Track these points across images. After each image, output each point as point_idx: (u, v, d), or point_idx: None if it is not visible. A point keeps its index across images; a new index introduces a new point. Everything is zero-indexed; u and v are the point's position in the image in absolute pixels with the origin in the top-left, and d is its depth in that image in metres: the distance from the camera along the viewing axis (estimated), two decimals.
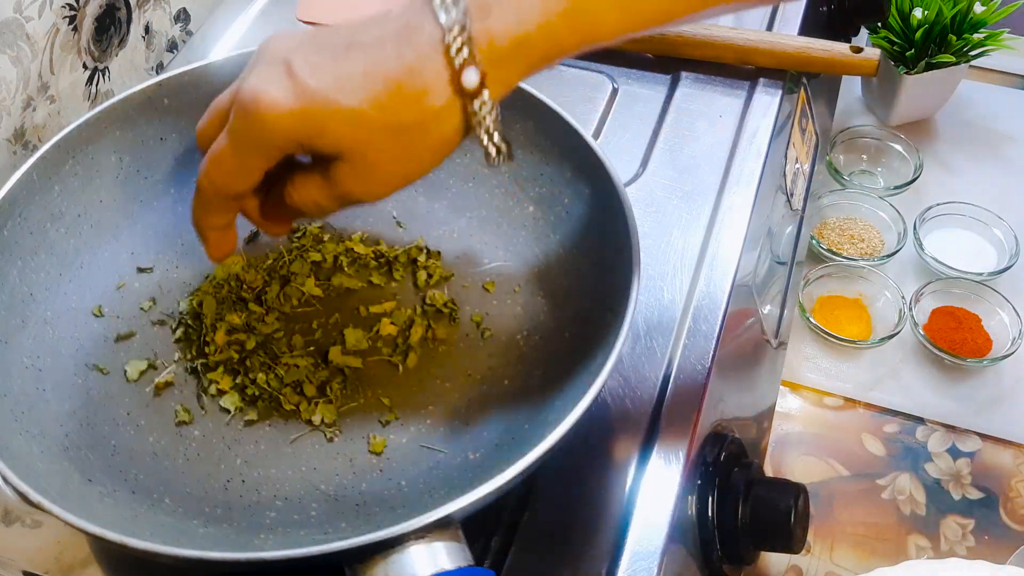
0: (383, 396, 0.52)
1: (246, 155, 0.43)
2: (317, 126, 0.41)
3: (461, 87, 0.40)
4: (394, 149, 0.42)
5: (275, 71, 0.41)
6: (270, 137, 0.41)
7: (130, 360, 0.53)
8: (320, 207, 0.45)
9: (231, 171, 0.44)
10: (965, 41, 1.02)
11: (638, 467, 0.51)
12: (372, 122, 0.41)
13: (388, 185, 0.43)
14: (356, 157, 0.42)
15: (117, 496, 0.46)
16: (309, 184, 0.44)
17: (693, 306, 0.58)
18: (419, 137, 0.41)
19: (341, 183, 0.43)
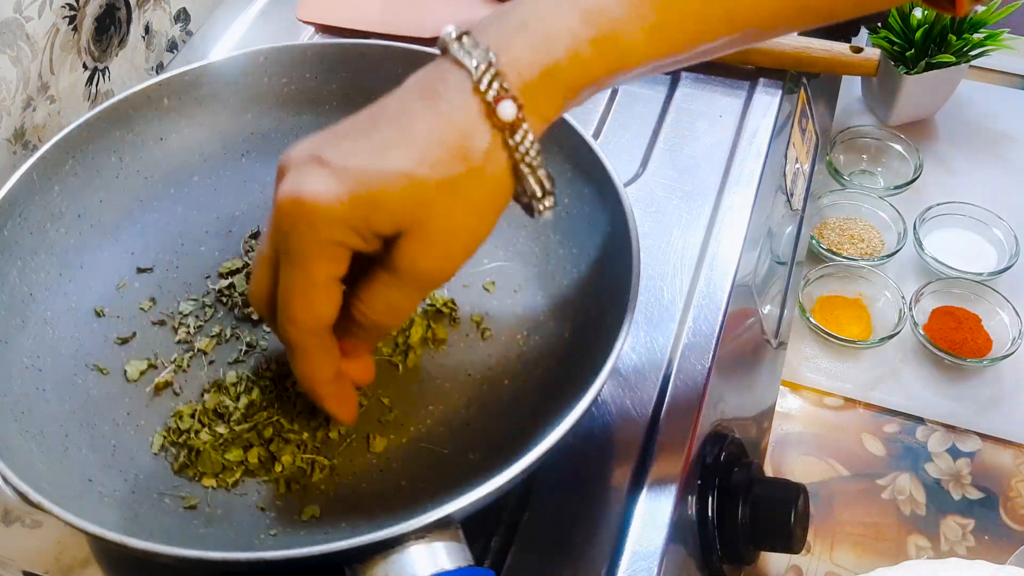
0: (383, 396, 0.52)
1: (313, 267, 0.39)
2: (370, 204, 0.38)
3: (500, 122, 0.39)
4: (452, 207, 0.39)
5: (307, 170, 0.39)
6: (327, 233, 0.38)
7: (130, 360, 0.53)
8: (396, 307, 0.41)
9: (308, 296, 0.40)
10: (965, 41, 1.02)
11: (638, 467, 0.51)
12: (424, 183, 0.38)
13: (457, 253, 0.41)
14: (418, 226, 0.39)
15: (117, 496, 0.46)
16: (377, 286, 0.41)
17: (693, 306, 0.58)
18: (473, 188, 0.39)
19: (409, 265, 0.40)
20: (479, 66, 0.39)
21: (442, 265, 0.41)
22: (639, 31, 0.40)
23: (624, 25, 0.40)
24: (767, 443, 0.82)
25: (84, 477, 0.47)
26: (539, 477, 0.50)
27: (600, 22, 0.40)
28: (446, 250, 0.40)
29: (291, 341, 0.42)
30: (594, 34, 0.39)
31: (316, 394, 0.45)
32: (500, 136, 0.39)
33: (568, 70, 0.39)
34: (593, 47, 0.39)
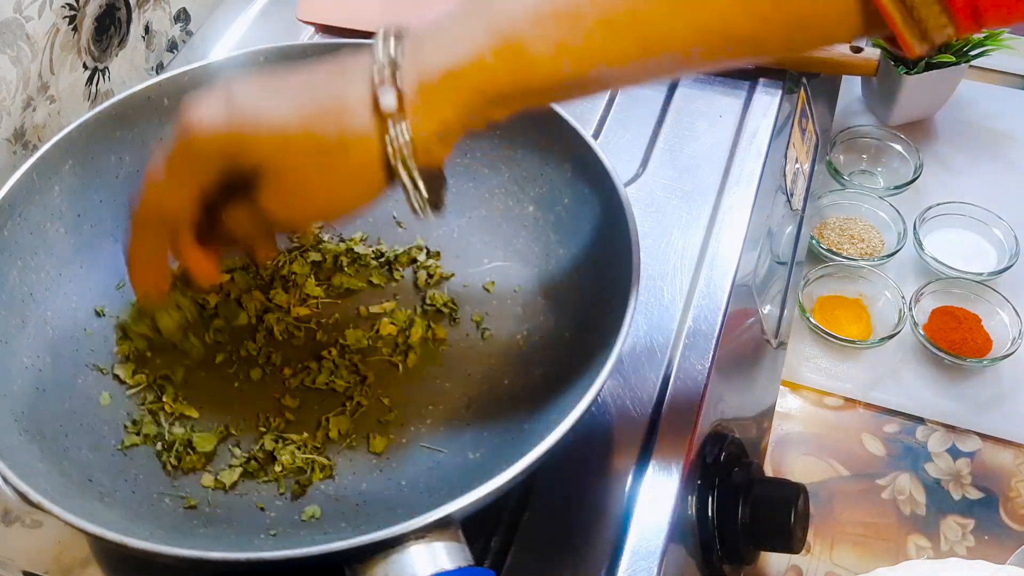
0: (383, 396, 0.52)
1: (179, 171, 0.43)
2: (239, 139, 0.42)
3: (381, 112, 0.40)
4: (312, 169, 0.42)
5: (215, 98, 0.43)
6: (200, 151, 0.42)
7: (115, 365, 0.53)
8: (245, 228, 0.45)
9: (165, 191, 0.44)
10: (965, 41, 1.02)
11: (638, 467, 0.51)
12: (292, 137, 0.41)
13: (305, 210, 0.44)
14: (275, 171, 0.42)
15: (117, 496, 0.46)
16: (239, 207, 0.44)
17: (693, 306, 0.58)
18: (338, 159, 0.41)
19: (263, 201, 0.43)
20: (383, 59, 0.41)
21: (289, 213, 0.44)
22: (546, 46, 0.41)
23: (532, 38, 0.41)
24: (767, 443, 0.82)
25: (84, 477, 0.46)
26: (539, 477, 0.50)
27: (506, 34, 0.41)
28: (293, 204, 0.43)
29: (132, 215, 0.46)
30: (498, 44, 0.40)
31: (129, 264, 0.48)
32: (380, 126, 0.41)
33: (471, 75, 0.41)
34: (498, 56, 0.41)
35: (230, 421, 0.51)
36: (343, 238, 0.59)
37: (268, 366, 0.53)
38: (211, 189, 0.44)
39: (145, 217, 0.46)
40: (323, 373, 0.53)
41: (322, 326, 0.55)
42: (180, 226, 0.46)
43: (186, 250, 0.47)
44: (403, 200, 0.45)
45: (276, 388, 0.52)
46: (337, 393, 0.52)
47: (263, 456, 0.49)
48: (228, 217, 0.45)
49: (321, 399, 0.52)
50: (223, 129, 0.42)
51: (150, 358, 0.53)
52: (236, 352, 0.54)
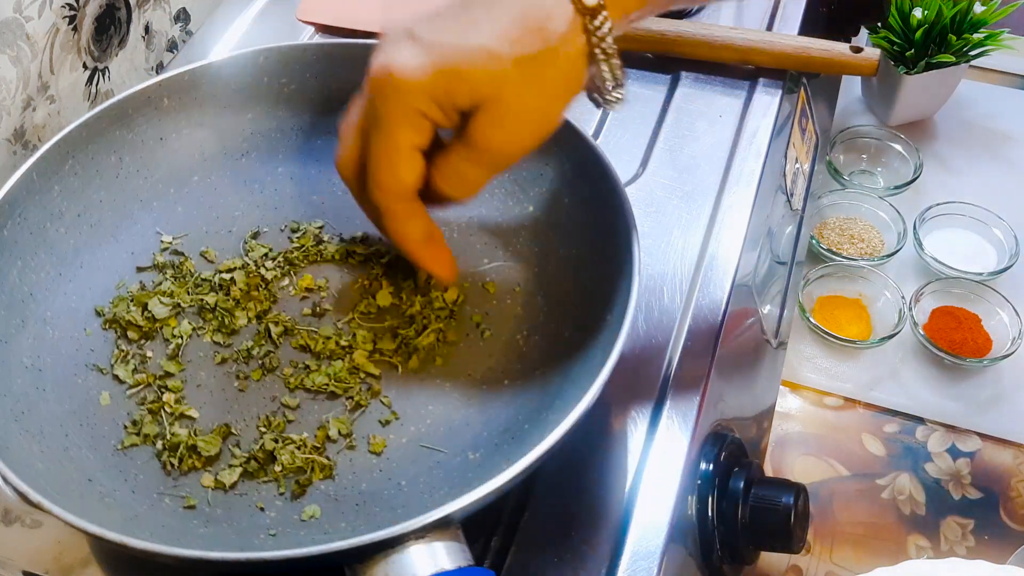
0: (383, 396, 0.52)
1: (398, 134, 0.43)
2: (452, 76, 0.41)
3: (581, 6, 0.41)
4: (528, 84, 0.42)
5: (399, 44, 0.42)
6: (412, 102, 0.42)
7: (116, 364, 0.53)
8: (466, 179, 0.44)
9: (393, 161, 0.43)
10: (965, 41, 1.02)
11: (638, 467, 0.51)
12: (503, 57, 0.41)
13: (527, 131, 0.43)
14: (493, 101, 0.42)
15: (117, 496, 0.46)
16: (451, 157, 0.44)
17: (693, 306, 0.58)
18: (549, 66, 0.42)
19: (484, 138, 0.42)
20: None
21: (512, 140, 0.43)
22: None
23: None
24: (767, 443, 0.82)
25: (84, 477, 0.47)
26: (539, 477, 0.50)
27: None
28: (518, 127, 0.43)
29: (380, 205, 0.45)
30: None
31: (413, 255, 0.48)
32: (580, 20, 0.41)
33: None
34: None
35: (230, 421, 0.51)
36: (343, 238, 0.59)
37: (268, 366, 0.53)
38: (429, 142, 0.43)
39: (394, 196, 0.45)
40: (323, 373, 0.53)
41: (322, 326, 0.55)
42: (417, 187, 0.45)
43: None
44: None
45: (276, 388, 0.52)
46: (337, 393, 0.52)
47: (263, 456, 0.49)
48: (444, 172, 0.44)
49: (321, 399, 0.52)
50: (431, 71, 0.41)
51: (150, 358, 0.53)
52: (236, 352, 0.54)
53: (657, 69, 0.73)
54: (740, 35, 0.71)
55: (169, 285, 0.55)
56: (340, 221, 0.59)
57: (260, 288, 0.56)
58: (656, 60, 0.74)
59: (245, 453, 0.50)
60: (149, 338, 0.54)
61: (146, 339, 0.54)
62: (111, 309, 0.54)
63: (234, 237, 0.58)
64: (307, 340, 0.54)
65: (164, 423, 0.50)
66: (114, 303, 0.54)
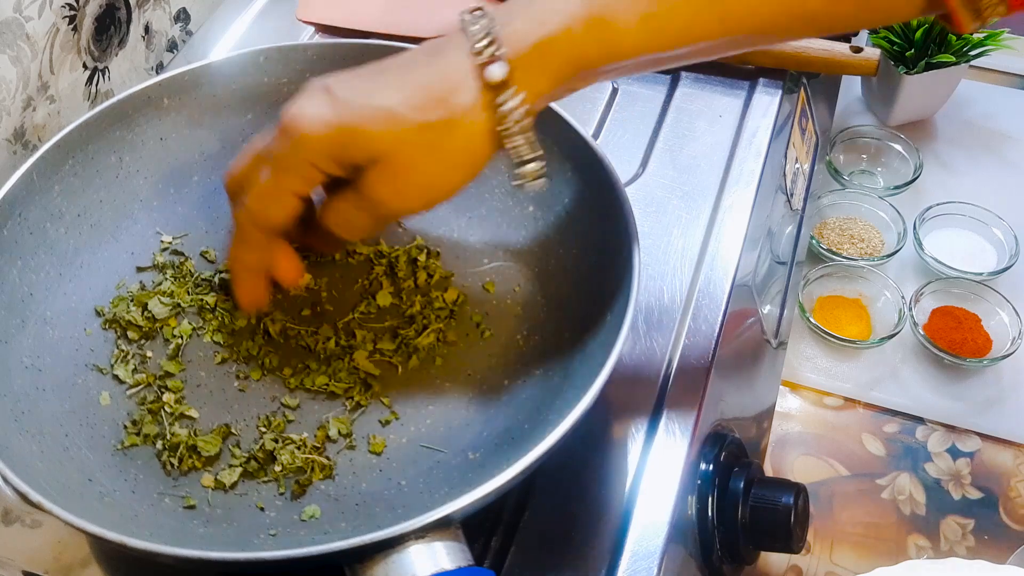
0: (383, 396, 0.52)
1: (284, 178, 0.44)
2: (350, 132, 0.43)
3: (488, 82, 0.42)
4: (424, 150, 0.43)
5: (314, 96, 0.44)
6: (307, 154, 0.43)
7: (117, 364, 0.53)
8: (352, 224, 0.46)
9: (270, 198, 0.45)
10: (965, 41, 1.02)
11: (638, 467, 0.51)
12: (403, 120, 0.42)
13: (419, 194, 0.44)
14: (387, 159, 0.43)
15: (117, 496, 0.46)
16: (342, 201, 0.45)
17: (693, 306, 0.58)
18: (447, 137, 0.43)
19: (373, 192, 0.44)
20: (478, 32, 0.42)
21: (401, 199, 0.44)
22: (633, 18, 0.43)
23: (619, 11, 0.43)
24: (767, 443, 0.82)
25: (84, 477, 0.47)
26: (539, 477, 0.50)
27: (595, 6, 0.42)
28: (407, 188, 0.44)
29: (240, 225, 0.47)
30: (588, 14, 0.42)
31: (234, 274, 0.50)
32: (487, 96, 0.42)
33: (561, 47, 0.43)
34: (586, 27, 0.42)
35: (230, 421, 0.51)
36: None
37: (268, 366, 0.53)
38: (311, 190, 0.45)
39: (249, 222, 0.46)
40: (323, 373, 0.53)
41: (322, 326, 0.55)
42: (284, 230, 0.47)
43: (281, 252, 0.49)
44: None
45: (276, 388, 0.52)
46: (337, 393, 0.52)
47: (263, 456, 0.49)
48: (332, 215, 0.46)
49: (321, 399, 0.52)
50: (334, 125, 0.43)
51: (150, 358, 0.53)
52: (236, 352, 0.54)
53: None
54: None
55: (169, 285, 0.55)
56: None
57: None
58: None
59: (245, 453, 0.50)
60: (149, 338, 0.54)
61: (146, 339, 0.54)
62: (111, 309, 0.54)
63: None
64: (307, 340, 0.54)
65: (164, 423, 0.50)
66: (114, 303, 0.54)
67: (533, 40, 0.42)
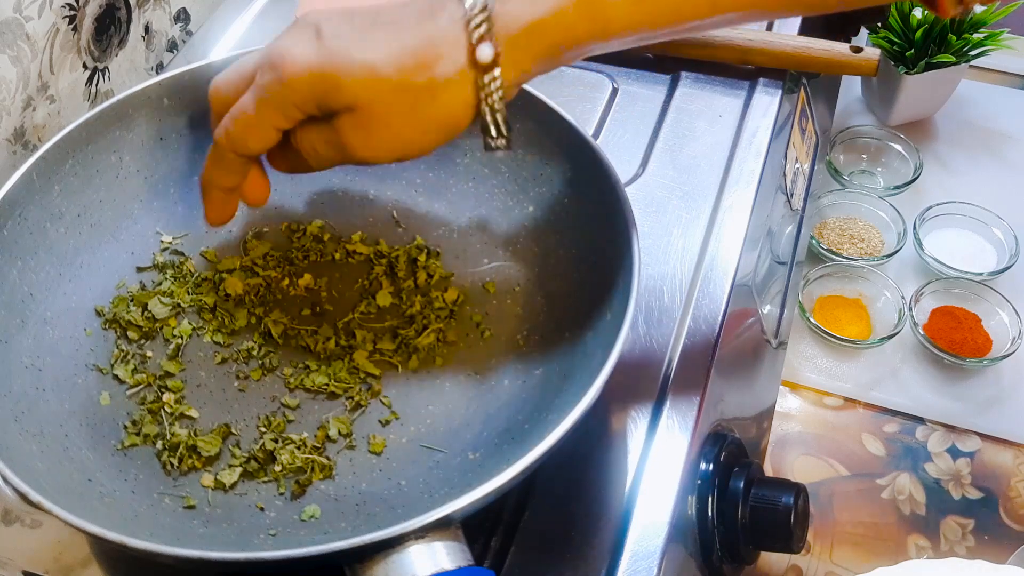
0: (383, 396, 0.52)
1: (267, 111, 0.45)
2: (334, 81, 0.43)
3: (475, 60, 0.42)
4: (401, 108, 0.43)
5: (304, 33, 0.44)
6: (291, 93, 0.44)
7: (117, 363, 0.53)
8: (318, 154, 0.46)
9: (251, 128, 0.46)
10: (965, 41, 1.02)
11: (638, 467, 0.51)
12: (385, 79, 0.43)
13: (387, 147, 0.45)
14: (363, 108, 0.43)
15: (117, 496, 0.46)
16: (314, 133, 0.45)
17: (693, 306, 0.58)
18: (427, 102, 0.43)
19: (345, 136, 0.44)
20: (475, 6, 0.42)
21: (368, 150, 0.45)
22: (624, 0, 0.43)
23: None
24: (767, 443, 0.82)
25: (84, 477, 0.47)
26: (539, 477, 0.50)
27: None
28: (377, 139, 0.44)
29: (218, 145, 0.47)
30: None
31: (205, 191, 0.50)
32: (472, 73, 0.43)
33: (552, 27, 0.43)
34: (577, 6, 0.43)
35: (230, 421, 0.51)
36: (343, 238, 0.59)
37: (268, 366, 0.53)
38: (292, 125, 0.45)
39: (228, 147, 0.47)
40: (323, 373, 0.53)
41: (322, 326, 0.55)
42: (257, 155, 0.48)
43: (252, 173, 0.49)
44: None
45: (276, 388, 0.53)
46: (337, 393, 0.52)
47: (263, 456, 0.49)
48: (302, 140, 0.46)
49: (321, 399, 0.52)
50: (316, 69, 0.43)
51: (150, 358, 0.53)
52: (236, 352, 0.54)
53: (657, 69, 0.73)
54: (740, 35, 0.71)
55: (169, 285, 0.55)
56: (340, 221, 0.59)
57: (260, 288, 0.56)
58: (656, 60, 0.74)
59: (245, 453, 0.50)
60: (149, 338, 0.54)
61: (146, 339, 0.54)
62: (111, 309, 0.54)
63: (234, 237, 0.58)
64: (307, 340, 0.54)
65: (164, 423, 0.50)
66: (114, 303, 0.54)
67: (526, 20, 0.42)
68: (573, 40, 0.44)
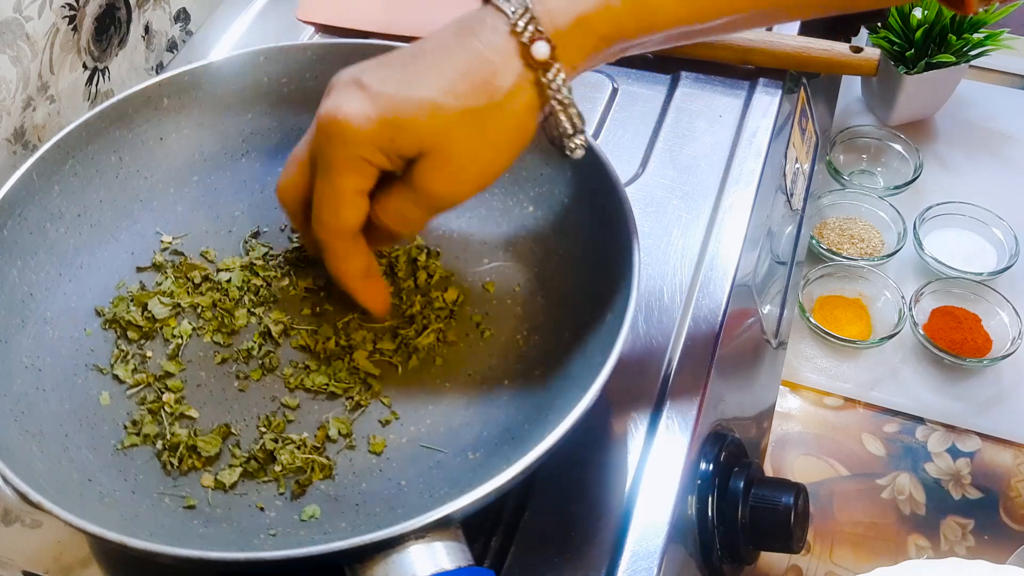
0: (383, 396, 0.52)
1: (343, 179, 0.44)
2: (396, 127, 0.42)
3: (532, 60, 0.42)
4: (472, 136, 0.43)
5: (347, 91, 0.43)
6: (358, 149, 0.43)
7: (117, 363, 0.53)
8: (407, 218, 0.45)
9: (337, 202, 0.45)
10: (965, 41, 1.02)
11: (638, 467, 0.51)
12: (448, 110, 0.42)
13: (471, 179, 0.44)
14: (437, 150, 0.43)
15: (117, 496, 0.46)
16: (393, 197, 0.45)
17: (693, 306, 0.58)
18: (495, 120, 0.43)
19: (426, 183, 0.44)
20: (516, 11, 0.42)
21: (453, 188, 0.44)
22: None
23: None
24: (767, 443, 0.82)
25: (84, 477, 0.47)
26: (539, 477, 0.50)
27: None
28: (459, 175, 0.44)
29: (323, 242, 0.47)
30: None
31: (350, 289, 0.50)
32: (533, 75, 0.42)
33: (599, 21, 0.43)
34: (624, 1, 0.42)
35: (230, 421, 0.51)
36: None
37: (268, 366, 0.53)
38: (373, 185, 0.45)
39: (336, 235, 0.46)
40: (323, 373, 0.53)
41: (322, 326, 0.55)
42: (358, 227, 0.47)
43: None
44: None
45: (276, 388, 0.53)
46: (337, 393, 0.52)
47: (263, 456, 0.49)
48: (385, 213, 0.45)
49: (321, 399, 0.52)
50: (377, 121, 0.42)
51: (150, 358, 0.53)
52: (236, 352, 0.54)
53: (657, 69, 0.73)
54: (740, 35, 0.71)
55: (169, 285, 0.56)
56: None
57: (260, 288, 0.56)
58: (656, 60, 0.74)
59: (245, 453, 0.50)
60: (149, 338, 0.54)
61: (146, 339, 0.54)
62: (111, 309, 0.54)
63: (234, 237, 0.58)
64: (307, 340, 0.54)
65: (164, 423, 0.50)
66: (114, 303, 0.54)
67: (573, 16, 0.42)
68: (620, 34, 0.43)
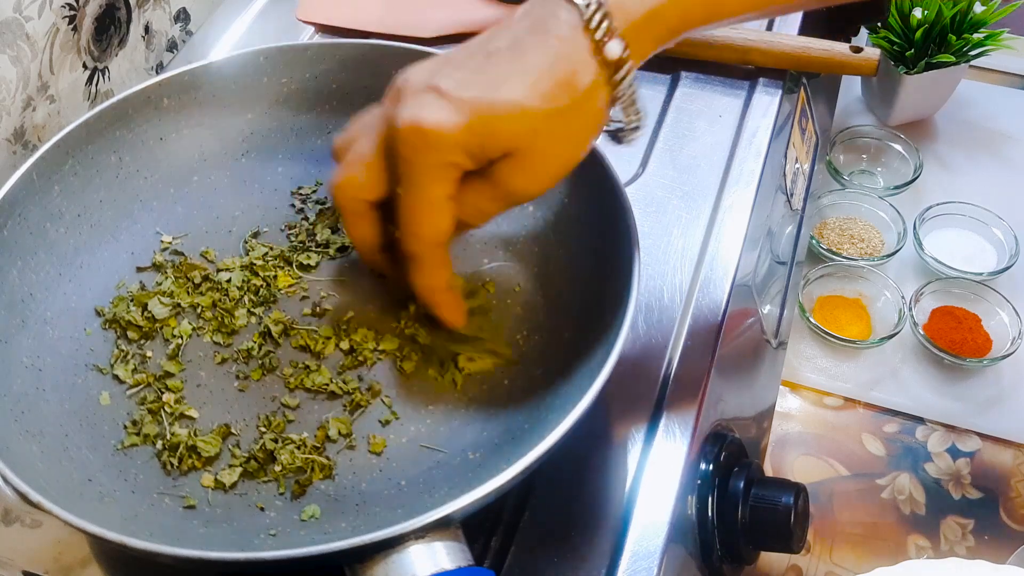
0: (383, 396, 0.52)
1: (434, 188, 0.43)
2: (486, 131, 0.42)
3: (606, 59, 0.42)
4: (556, 135, 0.43)
5: (425, 98, 0.42)
6: (446, 157, 0.42)
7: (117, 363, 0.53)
8: (484, 212, 0.45)
9: (431, 213, 0.44)
10: (965, 41, 1.02)
11: (638, 467, 0.51)
12: (535, 111, 0.42)
13: (552, 175, 0.44)
14: (523, 150, 0.43)
15: (117, 496, 0.46)
16: (472, 192, 0.45)
17: (693, 306, 0.58)
18: (576, 119, 0.43)
19: (507, 181, 0.44)
20: (589, 5, 0.42)
21: (535, 184, 0.44)
22: None
23: None
24: (767, 443, 0.82)
25: (84, 477, 0.47)
26: (539, 477, 0.50)
27: None
28: (541, 172, 0.44)
29: (415, 254, 0.46)
30: None
31: (432, 301, 0.49)
32: (605, 73, 0.42)
33: (670, 12, 0.43)
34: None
35: (230, 421, 0.51)
36: (343, 238, 0.59)
37: (268, 366, 0.53)
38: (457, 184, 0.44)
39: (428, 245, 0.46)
40: (323, 373, 0.53)
41: (322, 325, 0.55)
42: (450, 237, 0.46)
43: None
44: None
45: (276, 388, 0.53)
46: (337, 393, 0.52)
47: (263, 456, 0.49)
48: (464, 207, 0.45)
49: (321, 399, 0.52)
50: (466, 127, 0.42)
51: (150, 358, 0.53)
52: (236, 352, 0.54)
53: (657, 69, 0.73)
54: (740, 35, 0.71)
55: (169, 285, 0.56)
56: (340, 221, 0.59)
57: (260, 288, 0.56)
58: (656, 60, 0.73)
59: (245, 453, 0.50)
60: (149, 338, 0.54)
61: (146, 339, 0.54)
62: (111, 309, 0.54)
63: (234, 237, 0.58)
64: (307, 340, 0.54)
65: (164, 423, 0.50)
66: (114, 303, 0.54)
67: (644, 10, 0.42)
68: (687, 25, 0.44)
